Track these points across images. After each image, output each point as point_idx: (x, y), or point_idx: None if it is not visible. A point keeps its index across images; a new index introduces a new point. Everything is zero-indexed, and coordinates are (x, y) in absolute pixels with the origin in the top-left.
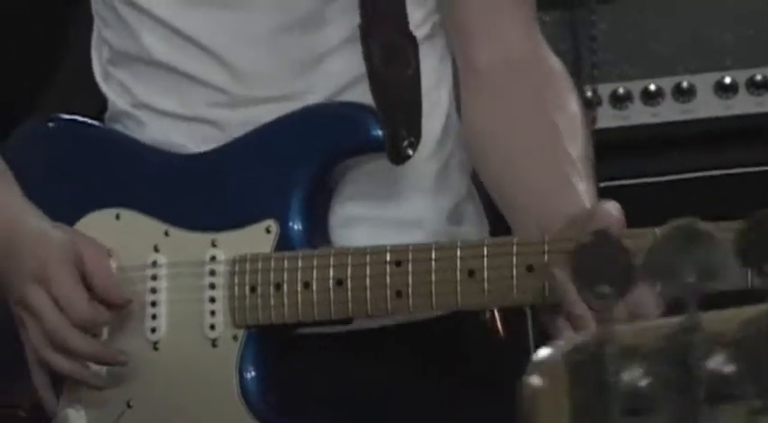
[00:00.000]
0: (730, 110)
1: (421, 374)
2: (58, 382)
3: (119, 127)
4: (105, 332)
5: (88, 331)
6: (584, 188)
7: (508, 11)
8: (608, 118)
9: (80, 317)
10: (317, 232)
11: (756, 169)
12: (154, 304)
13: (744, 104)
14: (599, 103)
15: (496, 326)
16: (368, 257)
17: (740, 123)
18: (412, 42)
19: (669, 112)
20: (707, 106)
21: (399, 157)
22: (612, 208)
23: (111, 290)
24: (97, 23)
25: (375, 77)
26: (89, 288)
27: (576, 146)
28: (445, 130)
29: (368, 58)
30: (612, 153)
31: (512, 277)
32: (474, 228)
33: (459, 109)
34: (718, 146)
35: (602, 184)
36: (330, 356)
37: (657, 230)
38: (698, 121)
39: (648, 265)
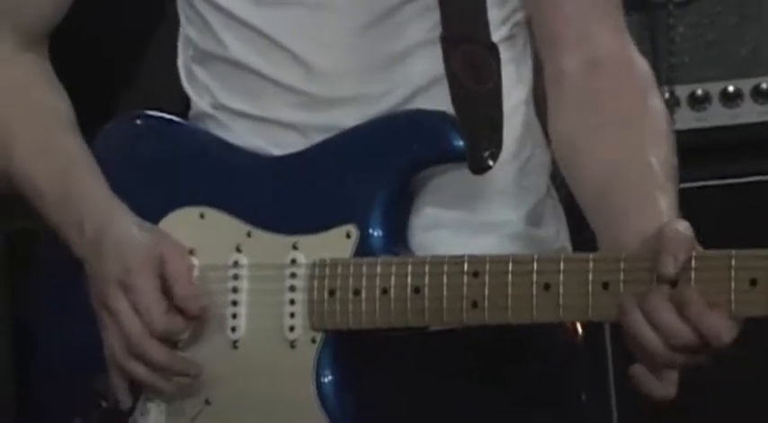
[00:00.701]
0: None
1: (497, 378)
2: None
3: (201, 126)
4: (187, 332)
5: (166, 341)
6: (666, 204)
7: (599, 16)
8: (686, 120)
9: (158, 327)
10: (397, 239)
11: None
12: (235, 304)
13: None
14: (677, 104)
15: (575, 326)
16: (445, 267)
17: None
18: (494, 53)
19: (748, 114)
20: None
21: (480, 168)
22: (681, 226)
23: (190, 300)
24: (182, 21)
25: (456, 87)
26: (168, 294)
27: (662, 152)
28: (524, 133)
29: (449, 66)
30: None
31: (587, 294)
32: (553, 228)
33: (540, 110)
34: None
35: (681, 186)
36: (406, 363)
37: None
38: None
39: None
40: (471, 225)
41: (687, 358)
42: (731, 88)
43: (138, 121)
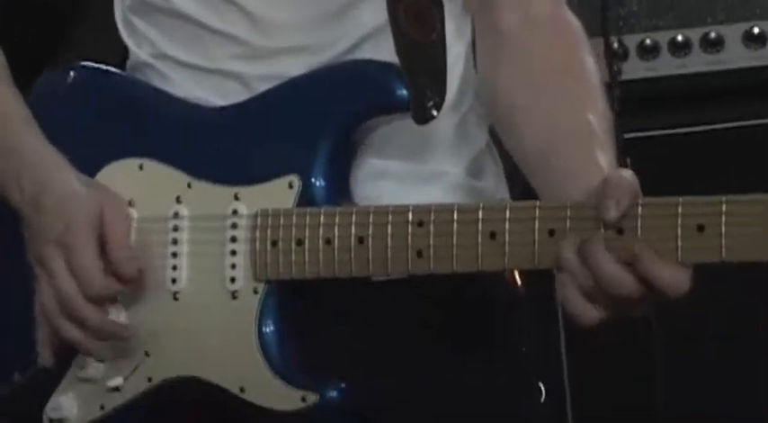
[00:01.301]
0: (759, 60)
1: (438, 328)
2: None
3: (141, 77)
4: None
5: (99, 303)
6: (606, 161)
7: None
8: (636, 70)
9: (93, 290)
10: (340, 189)
11: None
12: (175, 255)
13: None
14: (626, 54)
15: (514, 278)
16: (390, 216)
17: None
18: (437, 4)
19: (697, 63)
20: (736, 57)
21: (424, 118)
22: (626, 173)
23: (125, 264)
24: None
25: (400, 37)
26: (106, 254)
27: (599, 107)
28: (463, 85)
29: (393, 17)
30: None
31: (533, 242)
32: (492, 181)
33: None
34: (746, 97)
35: (628, 136)
36: (349, 313)
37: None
38: (726, 73)
39: None
40: (415, 176)
41: (626, 306)
42: (680, 38)
43: (73, 73)
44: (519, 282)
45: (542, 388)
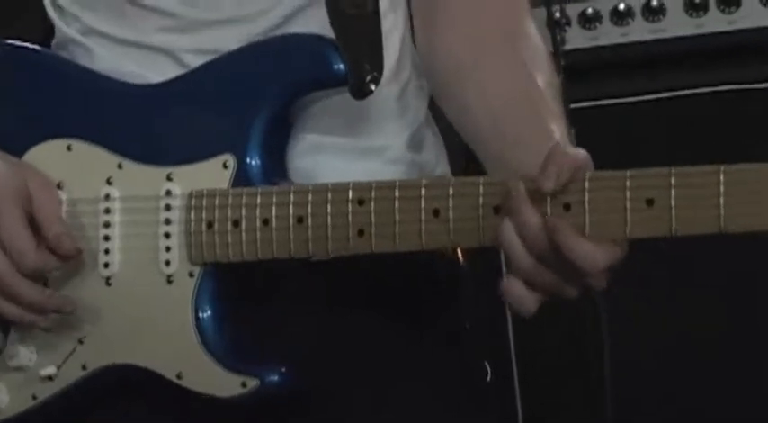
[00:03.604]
0: (701, 28)
1: (380, 305)
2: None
3: (66, 55)
4: (59, 269)
5: (36, 279)
6: (558, 129)
7: None
8: (577, 39)
9: (28, 265)
10: (276, 168)
11: (727, 88)
12: (107, 238)
13: (715, 23)
14: (568, 23)
15: (456, 254)
16: (329, 195)
17: (710, 42)
18: None
19: (639, 31)
20: (677, 25)
21: (362, 92)
22: (571, 148)
23: (63, 238)
24: None
25: (334, 9)
26: (37, 231)
27: (545, 73)
28: (402, 58)
29: None
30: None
31: (477, 218)
32: (433, 154)
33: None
34: (687, 65)
35: (574, 106)
36: (288, 295)
37: None
38: (668, 41)
39: None
40: (352, 150)
41: (559, 283)
42: (622, 6)
43: None
44: (461, 257)
45: (488, 367)
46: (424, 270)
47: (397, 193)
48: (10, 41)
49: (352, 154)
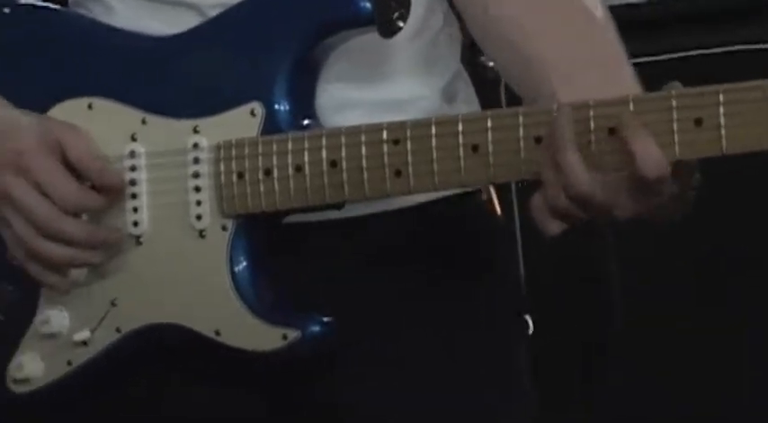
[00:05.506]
0: None
1: (418, 262)
2: (36, 285)
3: (83, 12)
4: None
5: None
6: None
7: None
8: None
9: (70, 201)
10: (306, 112)
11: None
12: (134, 197)
13: None
14: None
15: (494, 206)
16: (363, 136)
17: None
18: None
19: None
20: None
21: (389, 30)
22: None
23: (105, 173)
24: None
25: None
26: (75, 174)
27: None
28: (432, 2)
29: None
30: None
31: (518, 150)
32: (467, 106)
33: None
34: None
35: None
36: (320, 247)
37: None
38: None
39: None
40: (385, 103)
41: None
42: None
43: (6, 10)
44: (498, 211)
45: (530, 321)
46: (465, 224)
47: (433, 131)
48: (27, 1)
49: (382, 108)
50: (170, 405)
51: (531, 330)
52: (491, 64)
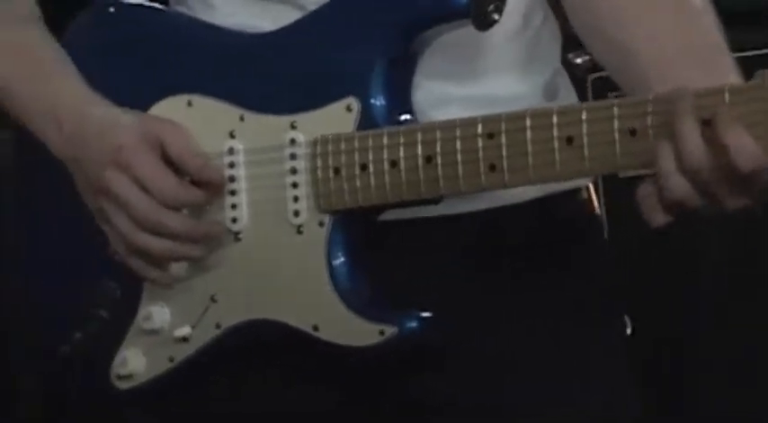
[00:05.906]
0: None
1: (515, 258)
2: (138, 281)
3: (184, 10)
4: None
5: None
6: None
7: None
8: None
9: (170, 196)
10: (402, 107)
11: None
12: (233, 193)
13: None
14: None
15: (593, 206)
16: (458, 131)
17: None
18: None
19: None
20: None
21: (485, 23)
22: None
23: (206, 169)
24: None
25: None
26: (175, 170)
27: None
28: (532, 1)
29: None
30: None
31: (613, 142)
32: (568, 103)
33: None
34: None
35: None
36: (417, 244)
37: None
38: None
39: None
40: (484, 99)
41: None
42: None
43: (112, 9)
44: (597, 209)
45: (628, 321)
46: (565, 222)
47: (528, 123)
48: (129, 1)
49: (483, 104)
50: (262, 400)
51: (629, 330)
52: (578, 61)
